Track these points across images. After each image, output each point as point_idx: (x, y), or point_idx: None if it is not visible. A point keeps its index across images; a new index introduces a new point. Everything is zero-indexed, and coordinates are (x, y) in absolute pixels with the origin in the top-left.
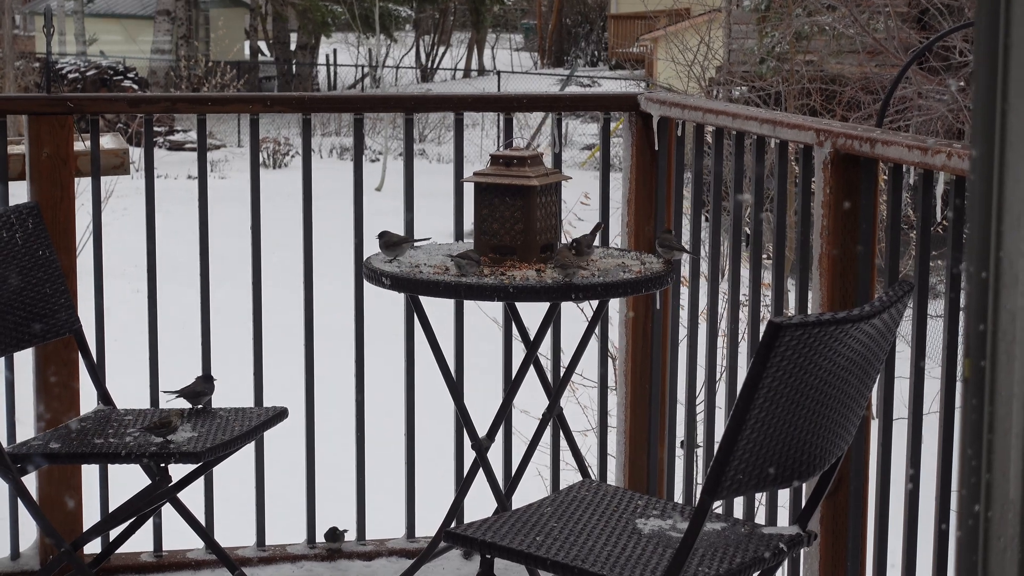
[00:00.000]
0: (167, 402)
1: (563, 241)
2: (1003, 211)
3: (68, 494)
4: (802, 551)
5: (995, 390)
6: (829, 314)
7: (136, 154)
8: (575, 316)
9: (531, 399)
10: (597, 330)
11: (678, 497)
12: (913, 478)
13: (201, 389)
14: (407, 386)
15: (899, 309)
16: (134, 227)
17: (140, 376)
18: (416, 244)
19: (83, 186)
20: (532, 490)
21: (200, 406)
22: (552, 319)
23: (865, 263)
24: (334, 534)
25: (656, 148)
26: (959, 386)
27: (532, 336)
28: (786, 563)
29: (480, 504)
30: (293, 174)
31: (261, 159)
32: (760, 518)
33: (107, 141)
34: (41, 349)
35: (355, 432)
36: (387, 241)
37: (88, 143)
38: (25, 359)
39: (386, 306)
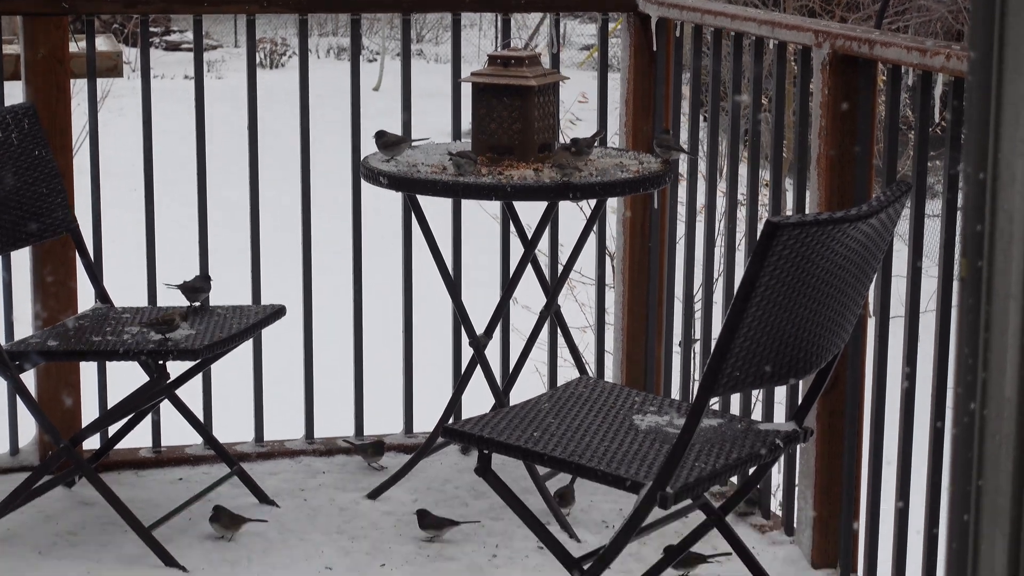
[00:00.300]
0: (166, 300)
1: (561, 141)
2: (1001, 112)
3: (66, 392)
4: (798, 447)
5: (992, 289)
6: (826, 214)
7: (132, 55)
8: (573, 214)
9: (529, 297)
10: (595, 229)
11: (675, 394)
12: (909, 376)
13: (199, 286)
14: (405, 284)
15: (896, 209)
16: (131, 127)
17: (138, 274)
18: (414, 144)
19: (79, 87)
20: (529, 386)
21: (198, 303)
22: (550, 218)
23: (863, 163)
24: (379, 447)
25: (654, 49)
26: (956, 285)
27: (530, 235)
28: (782, 459)
29: (478, 401)
30: (290, 74)
31: (258, 59)
32: (757, 415)
33: (100, 43)
34: (38, 248)
35: (353, 329)
36: (385, 141)
37: (82, 45)
38: (22, 258)
39: (384, 205)
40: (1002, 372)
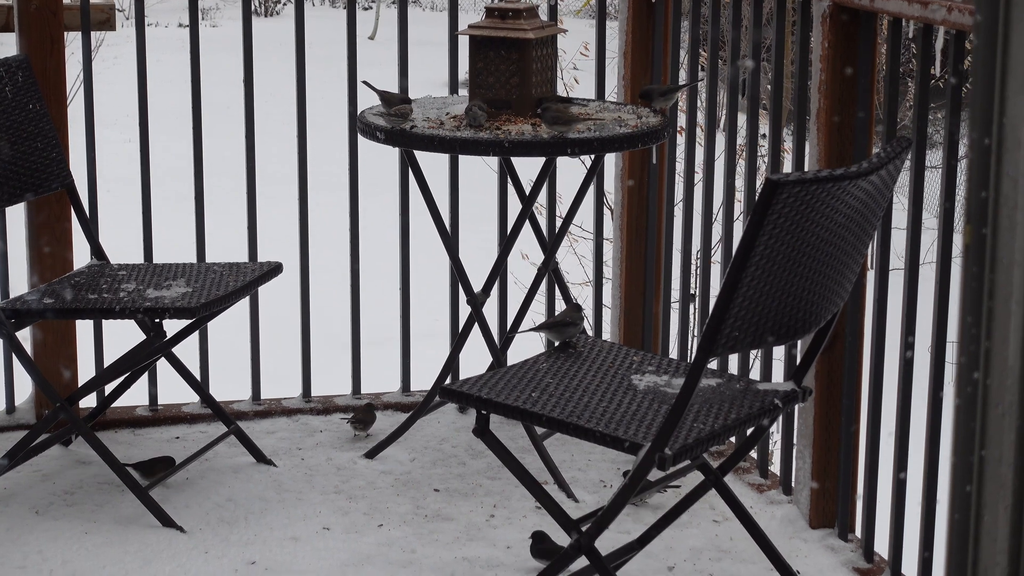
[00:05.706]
0: (160, 256)
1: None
2: (1007, 77)
3: (62, 350)
4: (797, 407)
5: (996, 257)
6: (827, 171)
7: (126, 3)
8: (571, 167)
9: (528, 253)
10: (593, 183)
11: (673, 350)
12: (909, 329)
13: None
14: (402, 240)
15: (897, 165)
16: (125, 76)
17: (133, 227)
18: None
19: (72, 36)
20: (527, 344)
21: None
22: (548, 173)
23: (863, 118)
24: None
25: (653, 1)
26: (956, 238)
27: (528, 191)
28: (780, 419)
29: (476, 359)
30: (286, 22)
31: (252, 7)
32: (755, 374)
33: None
34: (33, 204)
35: (350, 287)
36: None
37: None
38: (17, 214)
39: (382, 159)
40: (1005, 340)
